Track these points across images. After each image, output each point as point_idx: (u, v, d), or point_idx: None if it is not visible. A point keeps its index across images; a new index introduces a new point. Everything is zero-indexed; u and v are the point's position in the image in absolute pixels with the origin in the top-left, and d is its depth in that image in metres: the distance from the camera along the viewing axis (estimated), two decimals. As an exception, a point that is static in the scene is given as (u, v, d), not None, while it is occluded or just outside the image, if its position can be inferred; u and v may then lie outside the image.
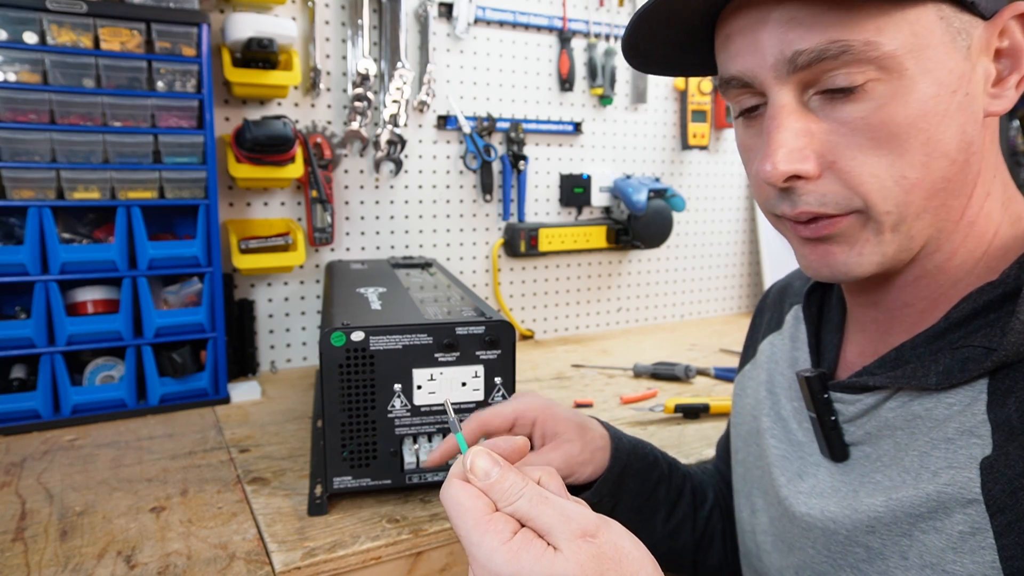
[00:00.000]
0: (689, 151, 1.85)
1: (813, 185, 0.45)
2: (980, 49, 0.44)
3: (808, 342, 0.60)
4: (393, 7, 1.39)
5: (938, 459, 0.44)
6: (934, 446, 0.45)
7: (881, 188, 0.44)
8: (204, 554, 0.71)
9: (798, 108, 0.44)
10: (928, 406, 0.46)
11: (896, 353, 0.49)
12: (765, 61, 0.44)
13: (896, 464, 0.47)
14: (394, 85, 1.40)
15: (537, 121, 1.61)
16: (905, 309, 0.51)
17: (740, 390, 0.71)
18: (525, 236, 1.58)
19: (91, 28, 1.02)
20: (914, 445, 0.46)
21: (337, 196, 1.41)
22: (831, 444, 0.52)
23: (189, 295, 1.16)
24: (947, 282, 0.48)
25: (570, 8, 1.61)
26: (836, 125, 0.44)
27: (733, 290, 2.03)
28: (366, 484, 0.81)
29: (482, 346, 0.82)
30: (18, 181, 1.01)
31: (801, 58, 0.42)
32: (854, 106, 0.43)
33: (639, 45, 0.51)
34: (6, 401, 1.02)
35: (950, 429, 0.44)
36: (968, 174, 0.46)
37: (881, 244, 0.46)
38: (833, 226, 0.46)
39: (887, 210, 0.44)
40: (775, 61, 0.43)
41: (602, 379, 1.35)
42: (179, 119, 1.09)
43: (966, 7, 0.43)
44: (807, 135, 0.44)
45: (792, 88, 0.44)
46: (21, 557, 0.70)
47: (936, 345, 0.47)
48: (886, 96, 0.42)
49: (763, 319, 0.72)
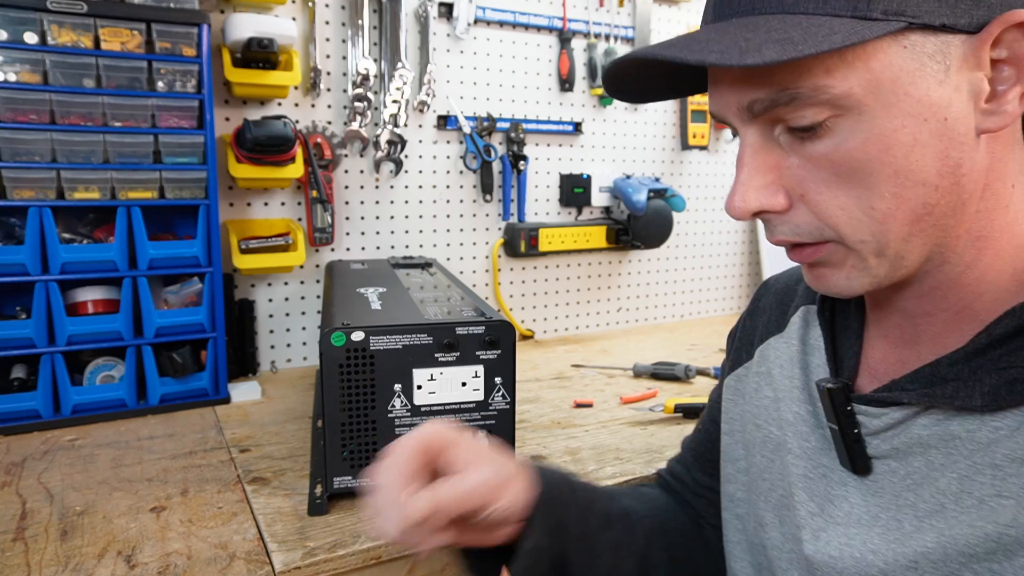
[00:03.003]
0: (689, 151, 1.85)
1: (786, 216, 0.46)
2: (965, 65, 0.42)
3: (825, 348, 0.58)
4: (393, 7, 1.39)
5: (983, 485, 0.43)
6: (978, 471, 0.43)
7: (850, 220, 0.44)
8: (204, 554, 0.71)
9: (766, 145, 0.46)
10: (970, 428, 0.44)
11: (931, 369, 0.48)
12: (729, 108, 0.46)
13: (930, 484, 0.46)
14: (394, 85, 1.40)
15: (537, 121, 1.61)
16: (928, 318, 0.50)
17: (734, 394, 0.68)
18: (525, 236, 1.58)
19: (91, 28, 1.02)
20: (952, 467, 0.45)
21: (337, 196, 1.41)
22: (852, 457, 0.51)
23: (189, 295, 1.16)
24: (969, 294, 0.48)
25: (570, 8, 1.61)
26: (802, 160, 0.44)
27: (733, 290, 2.03)
28: (366, 484, 0.81)
29: (482, 346, 0.82)
30: (18, 181, 1.01)
31: (756, 106, 0.44)
32: (817, 143, 0.43)
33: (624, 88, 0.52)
34: (6, 401, 1.02)
35: (998, 455, 0.42)
36: (961, 194, 0.44)
37: (867, 268, 0.46)
38: (815, 254, 0.47)
39: (861, 239, 0.44)
40: (737, 108, 0.45)
41: (602, 379, 1.35)
42: (179, 119, 1.09)
43: (937, 29, 0.41)
44: (776, 170, 0.45)
45: (759, 127, 0.45)
46: (22, 557, 0.70)
47: (977, 363, 0.45)
48: (846, 132, 0.42)
49: (759, 320, 0.69)
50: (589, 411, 1.16)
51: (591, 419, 1.12)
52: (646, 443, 1.02)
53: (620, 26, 1.68)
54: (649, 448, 1.00)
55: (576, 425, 1.09)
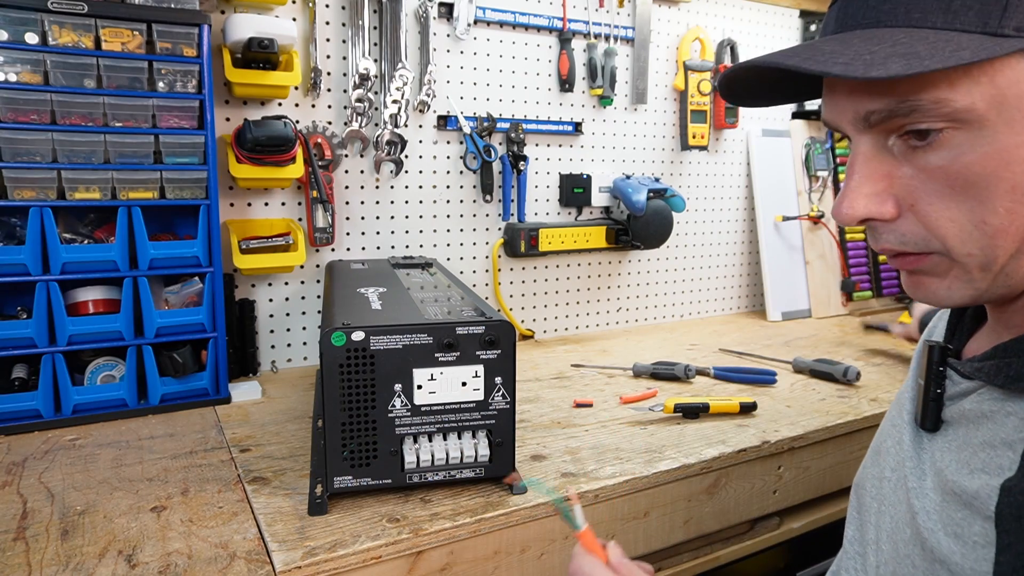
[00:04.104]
0: (689, 151, 1.85)
1: (893, 225, 0.47)
2: None
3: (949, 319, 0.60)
4: (393, 7, 1.39)
5: (982, 459, 0.46)
6: (983, 447, 0.46)
7: (959, 232, 0.44)
8: (205, 553, 0.71)
9: (878, 154, 0.46)
10: (996, 408, 0.47)
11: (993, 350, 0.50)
12: (844, 116, 0.47)
13: (955, 454, 0.49)
14: (394, 85, 1.40)
15: (537, 121, 1.61)
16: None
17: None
18: (525, 236, 1.59)
19: (92, 28, 1.02)
20: (971, 441, 0.48)
21: (337, 196, 1.41)
22: (926, 413, 0.53)
23: (190, 295, 1.16)
24: None
25: (570, 8, 1.61)
26: (916, 171, 0.45)
27: (733, 290, 2.03)
28: (366, 484, 0.81)
29: (482, 346, 0.82)
30: (19, 181, 1.01)
31: (873, 116, 0.44)
32: (933, 155, 0.43)
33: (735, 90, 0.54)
34: (7, 401, 1.02)
35: (1000, 435, 0.45)
36: None
37: (972, 281, 0.46)
38: (919, 262, 0.47)
39: (968, 252, 0.45)
40: (853, 118, 0.46)
41: (602, 379, 1.35)
42: (180, 119, 1.09)
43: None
44: (887, 179, 0.46)
45: (872, 136, 0.46)
46: (23, 556, 0.70)
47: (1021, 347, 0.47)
48: (963, 146, 0.42)
49: None
50: (589, 411, 1.16)
51: (591, 419, 1.12)
52: (646, 443, 1.02)
53: (620, 26, 1.68)
54: (649, 448, 1.00)
55: (576, 425, 1.09)
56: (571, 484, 0.88)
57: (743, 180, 1.98)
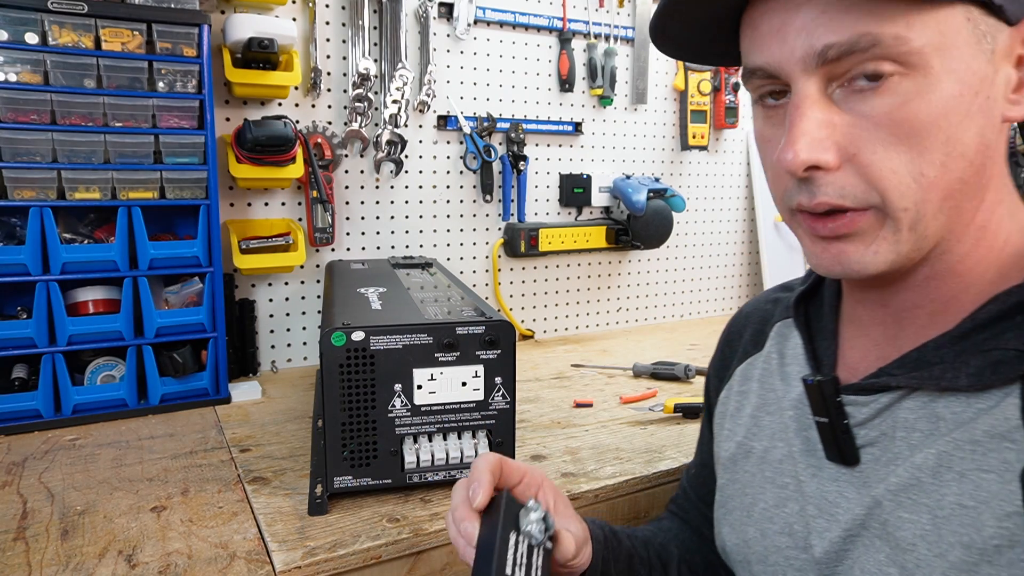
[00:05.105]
0: (689, 151, 1.85)
1: (832, 176, 0.45)
2: (1003, 54, 0.44)
3: (805, 350, 0.59)
4: (393, 7, 1.39)
5: (964, 460, 0.44)
6: (957, 447, 0.45)
7: (899, 184, 0.44)
8: (205, 553, 0.71)
9: (822, 99, 0.45)
10: (955, 409, 0.46)
11: (917, 353, 0.49)
12: (793, 54, 0.44)
13: (906, 461, 0.47)
14: (394, 85, 1.40)
15: (537, 121, 1.61)
16: (915, 311, 0.51)
17: (721, 418, 0.69)
18: (525, 236, 1.59)
19: (92, 28, 1.02)
20: (932, 444, 0.46)
21: (337, 196, 1.41)
22: (841, 448, 0.51)
23: (190, 295, 1.16)
24: (958, 286, 0.48)
25: (570, 8, 1.61)
26: (859, 118, 0.44)
27: (733, 290, 2.03)
28: (366, 484, 0.81)
29: (482, 346, 0.82)
30: (19, 181, 1.01)
31: (831, 51, 0.43)
32: (878, 100, 0.43)
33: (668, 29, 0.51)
34: (7, 401, 1.02)
35: (978, 432, 0.44)
36: (983, 178, 0.46)
37: (898, 243, 0.46)
38: (852, 224, 0.46)
39: (904, 207, 0.44)
40: (804, 54, 0.44)
41: (602, 379, 1.35)
42: (180, 119, 1.09)
43: (993, 11, 0.43)
44: (829, 126, 0.44)
45: (818, 80, 0.44)
46: (23, 556, 0.70)
47: (961, 346, 0.47)
48: (911, 92, 0.42)
49: (736, 347, 0.71)
50: (589, 411, 1.16)
51: (591, 419, 1.12)
52: (646, 443, 1.02)
53: (620, 26, 1.68)
54: (649, 448, 1.00)
55: (576, 425, 1.09)
56: (571, 484, 0.88)
57: (743, 180, 1.98)
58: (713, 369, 0.74)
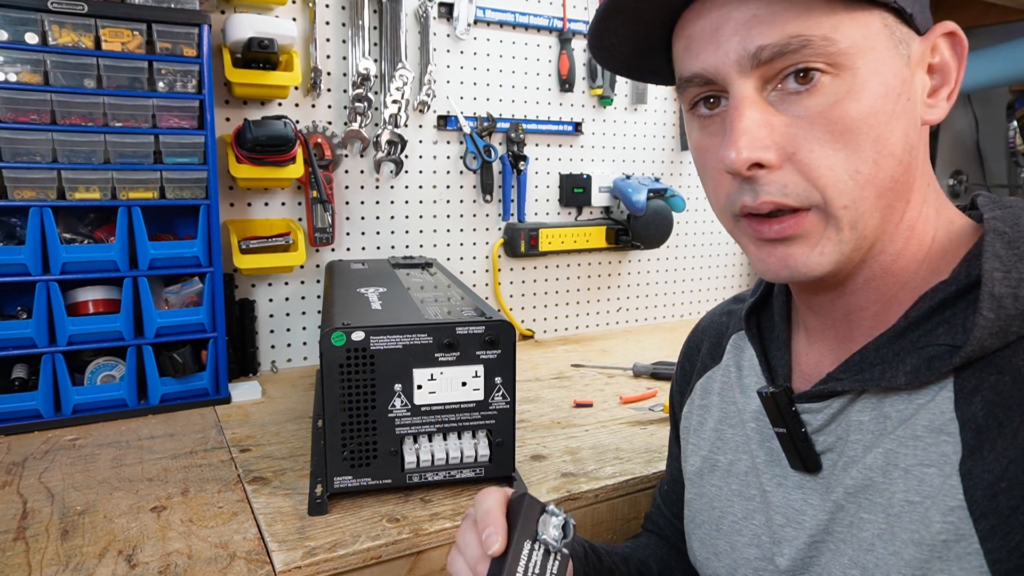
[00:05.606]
0: (689, 151, 1.84)
1: (775, 175, 0.46)
2: (917, 61, 0.47)
3: (759, 362, 0.60)
4: (393, 7, 1.39)
5: (907, 456, 0.45)
6: (901, 444, 0.46)
7: (837, 182, 0.45)
8: (205, 553, 0.71)
9: (759, 101, 0.46)
10: (899, 407, 0.47)
11: (859, 356, 0.50)
12: (728, 57, 0.46)
13: (859, 462, 0.48)
14: (394, 85, 1.40)
15: (537, 121, 1.61)
16: (860, 312, 0.52)
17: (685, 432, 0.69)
18: (525, 236, 1.59)
19: (92, 28, 1.02)
20: (880, 444, 0.47)
21: (337, 196, 1.41)
22: (802, 456, 0.52)
23: (190, 295, 1.16)
24: (895, 284, 0.50)
25: (570, 8, 1.61)
26: (795, 119, 0.45)
27: (733, 290, 2.03)
28: (366, 484, 0.81)
29: (482, 346, 0.82)
30: (19, 181, 1.01)
31: (764, 52, 0.44)
32: (812, 100, 0.45)
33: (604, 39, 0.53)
34: (7, 401, 1.02)
35: (918, 426, 0.45)
36: (910, 177, 0.48)
37: (841, 242, 0.47)
38: (797, 226, 0.47)
39: (844, 204, 0.45)
40: (738, 56, 0.45)
41: (602, 379, 1.35)
42: (180, 119, 1.09)
43: (905, 19, 0.46)
44: (768, 126, 0.46)
45: (754, 82, 0.46)
46: (23, 556, 0.70)
47: (898, 345, 0.48)
48: (841, 92, 0.44)
49: (695, 360, 0.71)
50: (589, 411, 1.16)
51: (591, 419, 1.12)
52: (646, 443, 1.02)
53: (620, 26, 1.68)
54: (649, 448, 1.00)
55: (576, 425, 1.09)
56: (571, 484, 0.88)
57: (743, 180, 1.98)
58: (676, 384, 0.75)
